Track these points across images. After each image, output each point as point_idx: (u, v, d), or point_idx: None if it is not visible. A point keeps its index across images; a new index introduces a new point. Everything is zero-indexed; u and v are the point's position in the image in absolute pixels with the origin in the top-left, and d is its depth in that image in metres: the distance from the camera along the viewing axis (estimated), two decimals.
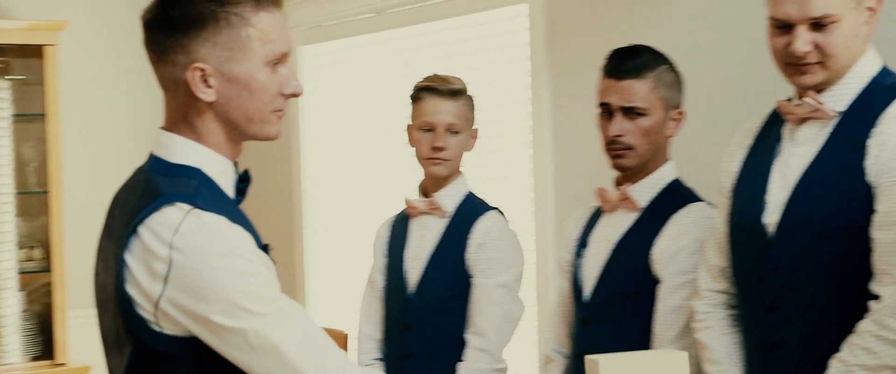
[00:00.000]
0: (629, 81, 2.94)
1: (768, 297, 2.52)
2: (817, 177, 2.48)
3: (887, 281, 2.36)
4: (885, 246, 2.36)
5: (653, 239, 2.94)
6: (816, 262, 2.46)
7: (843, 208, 2.43)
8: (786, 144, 2.58)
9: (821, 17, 2.42)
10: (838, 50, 2.44)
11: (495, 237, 3.34)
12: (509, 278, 3.32)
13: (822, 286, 2.46)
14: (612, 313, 2.98)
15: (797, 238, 2.48)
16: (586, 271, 3.07)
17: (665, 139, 3.01)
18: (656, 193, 3.01)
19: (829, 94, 2.50)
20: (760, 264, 2.54)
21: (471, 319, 3.31)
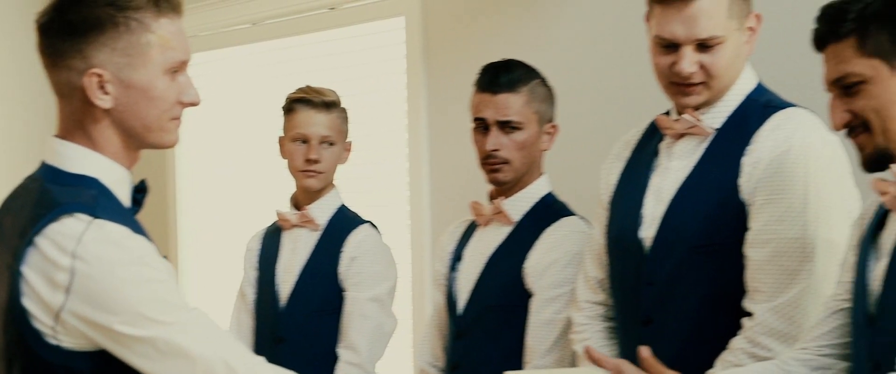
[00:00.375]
0: (504, 95, 2.95)
1: (644, 310, 2.54)
2: (692, 193, 2.49)
3: (759, 299, 2.38)
4: (757, 264, 2.39)
5: (526, 253, 2.94)
6: (691, 277, 2.47)
7: (717, 225, 2.45)
8: (663, 159, 2.59)
9: (707, 39, 2.44)
10: (722, 71, 2.47)
11: (367, 251, 3.32)
12: (381, 292, 3.30)
13: (697, 302, 2.48)
14: (485, 326, 2.98)
15: (672, 253, 2.49)
16: (460, 284, 3.07)
17: (539, 153, 3.03)
18: (529, 207, 3.02)
19: (707, 111, 2.52)
20: (636, 278, 2.56)
21: (343, 333, 3.29)
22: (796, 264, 2.36)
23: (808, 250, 2.36)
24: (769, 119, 2.46)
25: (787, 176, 2.38)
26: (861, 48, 2.03)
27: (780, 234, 2.36)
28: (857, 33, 2.02)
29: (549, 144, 3.04)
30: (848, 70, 2.04)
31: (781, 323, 2.35)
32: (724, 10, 2.44)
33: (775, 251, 2.37)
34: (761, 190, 2.40)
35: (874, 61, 2.02)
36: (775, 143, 2.42)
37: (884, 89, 2.03)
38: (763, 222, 2.39)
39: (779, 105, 2.50)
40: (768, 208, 2.39)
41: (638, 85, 3.38)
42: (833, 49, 2.06)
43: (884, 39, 2.01)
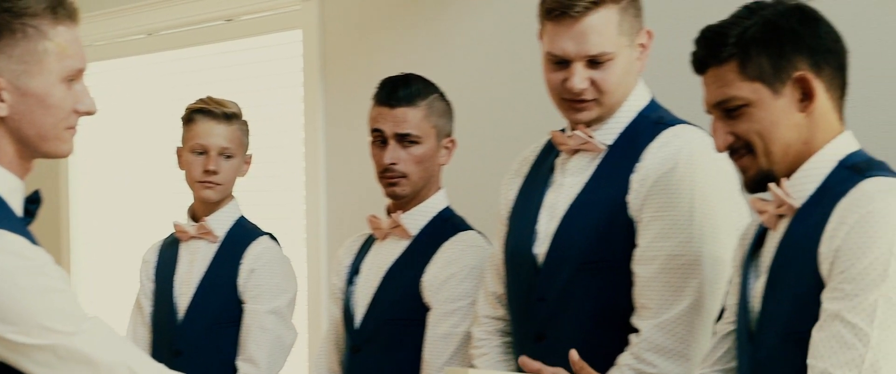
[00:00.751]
0: (403, 108, 2.95)
1: (536, 326, 2.54)
2: (583, 209, 2.50)
3: (646, 315, 2.40)
4: (644, 280, 2.40)
5: (423, 267, 2.95)
6: (581, 293, 2.48)
7: (607, 241, 2.46)
8: (557, 175, 2.60)
9: (597, 55, 2.44)
10: (613, 86, 2.47)
11: (267, 263, 3.31)
12: (281, 305, 3.29)
13: (587, 318, 2.48)
14: (382, 340, 2.98)
15: (563, 269, 2.50)
16: (358, 298, 3.07)
17: (437, 167, 3.04)
18: (427, 221, 3.03)
19: (599, 127, 2.53)
20: (529, 294, 2.56)
21: (242, 345, 3.27)
22: (682, 280, 2.37)
23: (693, 266, 2.37)
24: (658, 136, 2.48)
25: (674, 193, 2.39)
26: (742, 72, 2.05)
27: (666, 250, 2.38)
28: (738, 57, 2.05)
29: (447, 159, 3.05)
30: (730, 94, 2.06)
31: (667, 339, 2.37)
32: (615, 27, 2.45)
33: (661, 268, 2.38)
34: (648, 207, 2.42)
35: (756, 85, 2.04)
36: (662, 159, 2.43)
37: (766, 112, 2.05)
38: (650, 238, 2.40)
39: (669, 122, 2.52)
40: (655, 224, 2.40)
41: (535, 100, 3.40)
42: (714, 72, 2.08)
43: (764, 63, 2.04)
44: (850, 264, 1.89)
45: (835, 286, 1.91)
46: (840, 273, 1.91)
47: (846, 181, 2.01)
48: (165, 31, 4.91)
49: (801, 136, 2.06)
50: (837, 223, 1.94)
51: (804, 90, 2.04)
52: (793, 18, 2.05)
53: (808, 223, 2.02)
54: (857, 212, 1.92)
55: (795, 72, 2.04)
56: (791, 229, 2.05)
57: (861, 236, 1.90)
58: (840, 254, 1.91)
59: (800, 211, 2.05)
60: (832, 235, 1.94)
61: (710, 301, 2.38)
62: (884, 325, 1.88)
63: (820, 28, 2.07)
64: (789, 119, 2.05)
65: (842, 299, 1.89)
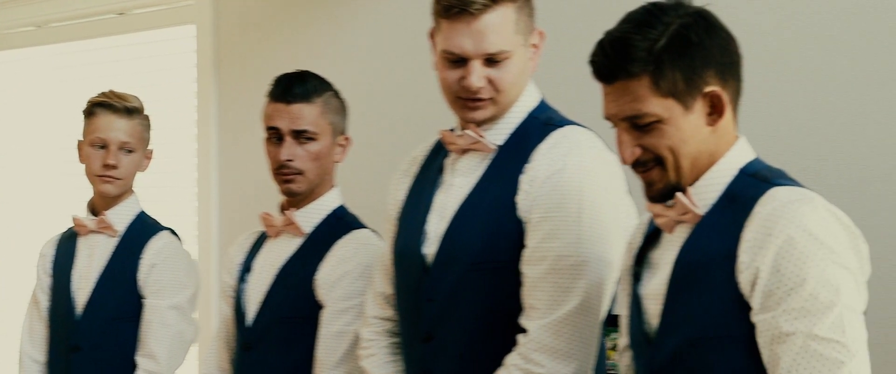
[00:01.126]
0: (299, 105, 2.94)
1: (425, 327, 2.53)
2: (472, 210, 2.49)
3: (534, 316, 2.39)
4: (532, 281, 2.39)
5: (317, 265, 2.94)
6: (470, 294, 2.47)
7: (496, 242, 2.45)
8: (447, 175, 2.59)
9: (495, 54, 2.43)
10: (509, 86, 2.47)
11: (167, 258, 3.29)
12: (182, 300, 3.27)
13: (476, 319, 2.48)
14: (275, 338, 2.97)
15: (452, 270, 2.49)
16: (250, 296, 3.05)
17: (332, 165, 3.04)
18: (321, 219, 3.02)
19: (490, 127, 2.53)
20: (418, 294, 2.55)
21: (142, 341, 3.25)
22: (570, 280, 2.37)
23: (582, 267, 2.38)
24: (548, 137, 2.47)
25: (562, 194, 2.39)
26: (655, 88, 2.01)
27: (555, 251, 2.38)
28: (651, 73, 2.01)
29: (341, 157, 3.05)
30: (643, 110, 2.03)
31: (554, 340, 2.36)
32: (512, 25, 2.44)
33: (549, 269, 2.38)
34: (537, 208, 2.41)
35: (668, 102, 2.02)
36: (552, 161, 2.43)
37: (677, 128, 2.03)
38: (538, 239, 2.40)
39: (559, 123, 2.52)
40: (543, 225, 2.39)
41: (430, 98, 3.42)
42: (624, 86, 2.04)
43: (678, 79, 2.01)
44: (796, 283, 1.90)
45: (789, 307, 1.91)
46: (788, 293, 1.91)
47: (754, 189, 2.02)
48: (55, 23, 4.87)
49: (707, 148, 2.06)
50: (762, 236, 1.94)
51: (713, 105, 2.04)
52: (700, 30, 2.03)
53: (717, 229, 2.03)
54: (783, 228, 1.93)
55: (706, 87, 2.03)
56: (698, 234, 2.06)
57: (797, 254, 1.91)
58: (781, 273, 1.92)
59: (705, 217, 2.05)
60: (758, 247, 1.95)
61: (597, 302, 2.39)
62: (855, 335, 1.91)
63: (724, 38, 2.06)
64: (698, 133, 2.05)
65: (803, 317, 1.90)
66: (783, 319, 1.91)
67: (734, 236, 1.98)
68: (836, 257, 1.93)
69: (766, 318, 1.93)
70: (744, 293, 1.97)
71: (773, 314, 1.92)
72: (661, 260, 2.14)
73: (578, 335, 2.38)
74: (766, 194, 1.99)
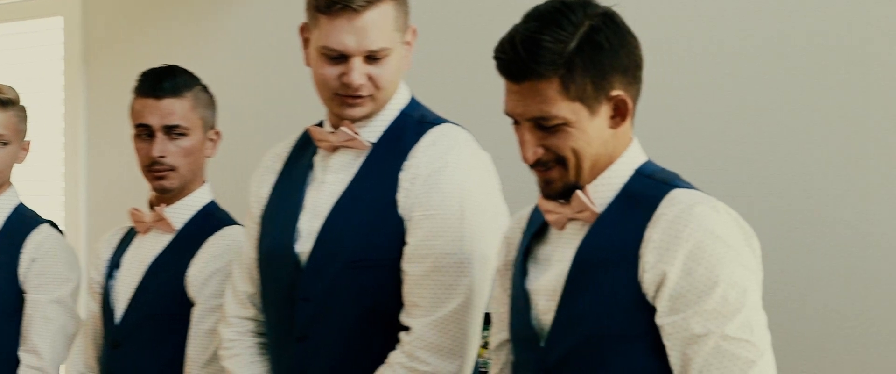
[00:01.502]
0: (169, 100, 2.92)
1: (299, 327, 2.50)
2: (349, 208, 2.48)
3: (417, 313, 2.39)
4: (414, 279, 2.39)
5: (188, 262, 2.92)
6: (347, 293, 2.45)
7: (375, 240, 2.45)
8: (318, 172, 2.57)
9: (377, 51, 2.42)
10: (387, 82, 2.47)
11: (49, 251, 3.23)
12: (64, 294, 3.21)
13: (353, 317, 2.46)
14: (144, 335, 2.94)
15: (328, 268, 2.47)
16: (118, 292, 3.02)
17: (203, 160, 3.02)
18: (192, 215, 3.00)
19: (364, 124, 2.52)
20: (291, 294, 2.52)
21: (24, 336, 3.18)
22: (453, 278, 2.38)
23: (464, 265, 2.39)
24: (426, 135, 2.48)
25: (444, 192, 2.40)
26: (564, 91, 2.00)
27: (438, 249, 2.38)
28: (561, 75, 2.00)
29: (212, 151, 3.03)
30: (551, 113, 2.01)
31: (440, 337, 2.37)
32: (392, 22, 2.44)
33: (433, 266, 2.38)
34: (418, 205, 2.41)
35: (576, 105, 2.01)
36: (432, 158, 2.43)
37: (583, 131, 2.03)
38: (421, 237, 2.40)
39: (432, 121, 2.53)
40: (426, 223, 2.40)
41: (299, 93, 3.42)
42: (532, 86, 2.02)
43: (588, 85, 2.01)
44: (708, 286, 1.94)
45: (701, 309, 1.94)
46: (701, 295, 1.94)
47: (654, 189, 2.05)
48: None
49: (607, 150, 2.07)
50: (669, 238, 1.97)
51: (617, 108, 2.05)
52: (610, 33, 2.03)
53: (617, 227, 2.04)
54: (692, 232, 1.95)
55: (613, 91, 2.03)
56: (597, 231, 2.07)
57: (708, 257, 1.95)
58: (692, 277, 1.95)
59: (603, 215, 2.07)
60: (665, 249, 1.97)
61: (479, 300, 2.40)
62: (761, 334, 1.96)
63: (630, 43, 2.06)
64: (601, 136, 2.06)
65: (715, 319, 1.93)
66: (694, 320, 1.94)
67: (636, 235, 2.01)
68: (741, 259, 1.97)
69: (677, 320, 1.96)
70: (646, 293, 1.99)
71: (684, 316, 1.95)
72: (552, 256, 2.14)
73: (462, 332, 2.39)
74: (669, 196, 2.02)
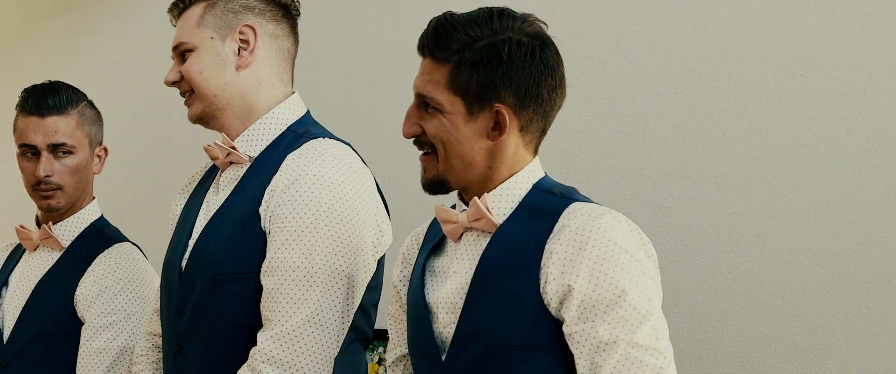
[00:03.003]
0: (54, 117, 2.90)
1: (175, 340, 2.49)
2: (220, 221, 2.47)
3: (267, 327, 2.35)
4: (267, 292, 2.36)
5: (77, 279, 2.90)
6: (215, 306, 2.43)
7: (240, 253, 2.42)
8: (212, 189, 2.57)
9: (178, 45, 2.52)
10: (195, 77, 2.53)
11: None
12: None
13: (219, 331, 2.43)
14: (33, 355, 2.91)
15: (198, 281, 2.45)
16: (6, 311, 2.98)
17: (91, 177, 3.00)
18: (80, 231, 2.99)
19: (244, 137, 2.52)
20: (173, 306, 2.51)
21: None
22: (299, 291, 2.33)
23: (312, 278, 2.34)
24: (298, 148, 2.46)
25: (297, 203, 2.37)
26: (450, 82, 2.05)
27: (288, 261, 2.34)
28: (454, 66, 2.05)
29: (100, 168, 3.02)
30: (433, 94, 2.06)
31: (282, 351, 2.32)
32: (195, 20, 2.52)
33: (283, 279, 2.35)
34: (275, 218, 2.39)
35: (456, 99, 2.05)
36: (291, 170, 2.41)
37: (454, 126, 2.06)
38: (274, 250, 2.37)
39: (313, 136, 2.50)
40: (279, 235, 2.37)
41: None
42: (430, 64, 2.08)
43: (472, 84, 2.04)
44: (616, 295, 1.97)
45: (609, 318, 1.96)
46: (609, 304, 1.97)
47: (553, 202, 2.07)
48: None
49: (485, 160, 2.08)
50: (573, 250, 1.99)
51: (498, 122, 2.06)
52: (519, 51, 2.05)
53: (518, 239, 2.06)
54: (596, 243, 1.98)
55: (497, 103, 2.05)
56: (498, 242, 2.08)
57: (613, 267, 1.97)
58: (599, 287, 1.97)
59: (503, 226, 2.08)
60: (569, 260, 1.99)
61: (331, 315, 2.35)
62: (666, 342, 2.00)
63: (543, 73, 2.07)
64: (476, 142, 2.07)
65: (623, 326, 1.96)
66: (603, 328, 1.96)
67: (537, 247, 2.02)
68: (644, 269, 2.00)
69: (585, 328, 1.97)
70: (548, 305, 2.00)
71: (593, 325, 1.96)
72: (449, 269, 2.15)
73: (306, 347, 2.33)
74: (570, 209, 2.04)
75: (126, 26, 3.94)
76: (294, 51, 2.59)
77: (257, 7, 2.53)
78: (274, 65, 2.53)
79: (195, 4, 2.52)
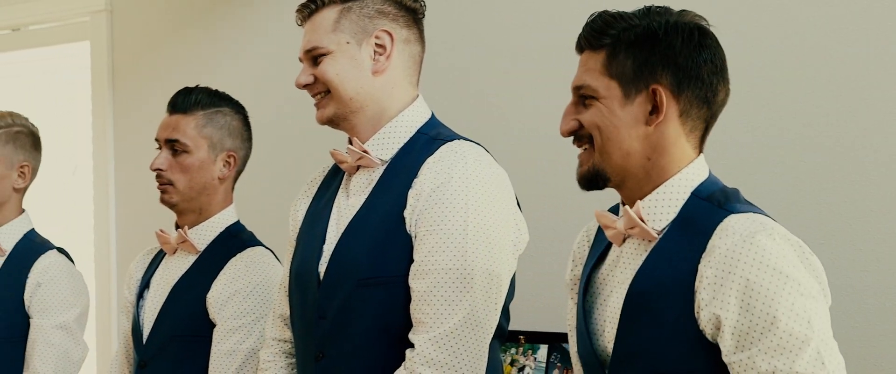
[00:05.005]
0: (177, 116, 2.97)
1: (316, 345, 2.51)
2: (361, 226, 2.49)
3: (421, 330, 2.37)
4: (419, 295, 2.38)
5: (209, 283, 2.94)
6: (359, 310, 2.45)
7: (385, 258, 2.44)
8: (341, 194, 2.59)
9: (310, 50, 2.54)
10: (331, 80, 2.54)
11: (54, 277, 3.26)
12: (68, 319, 3.24)
13: (365, 335, 2.45)
14: (169, 355, 2.97)
15: (341, 286, 2.47)
16: (146, 312, 3.04)
17: (214, 180, 3.02)
18: (215, 236, 3.03)
19: (376, 142, 2.54)
20: (312, 312, 2.53)
21: (27, 361, 3.22)
22: (455, 294, 2.36)
23: (466, 280, 2.36)
24: (436, 151, 2.47)
25: (446, 207, 2.39)
26: (606, 66, 2.03)
27: (440, 264, 2.36)
28: (609, 50, 2.03)
29: (225, 173, 3.03)
30: (587, 82, 2.05)
31: (440, 353, 2.35)
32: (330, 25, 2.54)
33: (435, 282, 2.36)
34: (422, 221, 2.41)
35: (612, 83, 2.03)
36: (436, 173, 2.42)
37: (610, 112, 2.03)
38: (424, 253, 2.39)
39: (447, 138, 2.52)
40: (429, 239, 2.38)
41: None
42: (586, 56, 2.07)
43: (628, 65, 2.02)
44: (769, 321, 1.88)
45: (765, 347, 1.88)
46: (763, 332, 1.89)
47: (709, 214, 1.99)
48: None
49: (643, 149, 2.04)
50: (722, 274, 1.91)
51: (655, 104, 2.02)
52: (678, 35, 2.02)
53: (673, 258, 2.00)
54: (745, 267, 1.90)
55: (653, 84, 2.02)
56: (653, 261, 2.02)
57: (764, 291, 1.89)
58: (751, 313, 1.89)
59: (660, 242, 2.03)
60: (718, 285, 1.91)
61: (484, 316, 2.38)
62: (834, 365, 1.89)
63: (702, 54, 2.03)
64: (634, 128, 2.03)
65: (781, 355, 1.88)
66: (760, 359, 1.88)
67: (690, 268, 1.96)
68: (801, 288, 1.89)
69: (743, 358, 1.90)
70: (705, 331, 1.94)
71: (750, 354, 1.89)
72: (611, 279, 2.13)
73: (464, 348, 2.36)
74: (723, 225, 1.95)
75: (267, 29, 3.99)
76: (422, 55, 2.61)
77: (391, 12, 2.55)
78: (406, 69, 2.56)
79: (328, 7, 2.53)
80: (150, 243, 3.27)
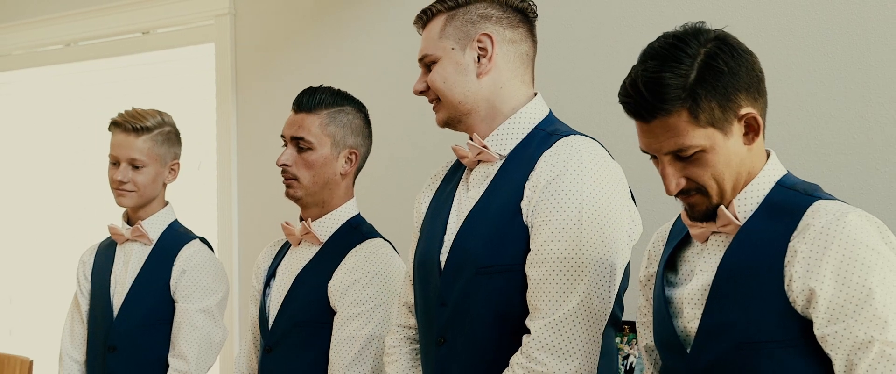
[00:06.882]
0: (302, 114, 3.05)
1: (438, 331, 2.57)
2: (480, 216, 2.54)
3: (537, 316, 2.42)
4: (535, 282, 2.43)
5: (331, 272, 3.02)
6: (478, 297, 2.50)
7: (502, 247, 2.49)
8: (462, 187, 2.65)
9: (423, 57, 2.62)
10: (440, 87, 2.62)
11: (197, 265, 3.40)
12: (210, 304, 3.38)
13: (484, 321, 2.51)
14: (292, 341, 3.05)
15: (461, 275, 2.53)
16: (272, 301, 3.14)
17: (336, 175, 3.10)
18: (336, 228, 3.11)
19: (494, 137, 2.59)
20: (433, 299, 2.59)
21: (173, 342, 3.37)
22: (570, 281, 2.40)
23: (581, 269, 2.41)
24: (553, 145, 2.52)
25: (562, 197, 2.43)
26: (694, 120, 2.05)
27: (556, 253, 2.41)
28: (689, 107, 2.04)
29: (347, 169, 3.11)
30: (686, 143, 2.06)
31: (555, 338, 2.40)
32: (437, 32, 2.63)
33: (551, 270, 2.41)
34: (538, 212, 2.45)
35: (709, 131, 2.06)
36: (552, 166, 2.47)
37: (719, 156, 2.08)
38: (540, 242, 2.44)
39: (563, 133, 2.56)
40: (545, 228, 2.43)
41: None
42: (662, 122, 2.06)
43: (715, 109, 2.05)
44: (866, 294, 1.98)
45: (862, 317, 1.98)
46: (860, 304, 1.98)
47: (797, 200, 2.09)
48: (83, 41, 4.91)
49: (745, 166, 2.12)
50: (818, 250, 2.01)
51: (749, 126, 2.09)
52: (726, 57, 2.06)
53: (762, 237, 2.09)
54: (841, 243, 2.00)
55: (740, 110, 2.07)
56: (742, 240, 2.11)
57: (859, 266, 1.99)
58: (848, 287, 1.98)
59: (747, 224, 2.11)
60: (814, 260, 2.01)
61: (598, 303, 2.42)
62: None
63: (748, 60, 2.09)
64: (737, 155, 2.10)
65: (877, 325, 1.97)
66: (858, 328, 1.98)
67: (781, 245, 2.05)
68: (891, 265, 2.00)
69: (838, 330, 1.99)
70: (794, 302, 2.03)
71: (846, 325, 1.99)
72: (696, 266, 2.20)
73: (578, 334, 2.41)
74: (814, 207, 2.05)
75: (389, 31, 4.00)
76: (533, 53, 2.65)
77: (495, 15, 2.59)
78: (513, 69, 2.60)
79: (437, 16, 2.61)
80: (269, 236, 3.33)
